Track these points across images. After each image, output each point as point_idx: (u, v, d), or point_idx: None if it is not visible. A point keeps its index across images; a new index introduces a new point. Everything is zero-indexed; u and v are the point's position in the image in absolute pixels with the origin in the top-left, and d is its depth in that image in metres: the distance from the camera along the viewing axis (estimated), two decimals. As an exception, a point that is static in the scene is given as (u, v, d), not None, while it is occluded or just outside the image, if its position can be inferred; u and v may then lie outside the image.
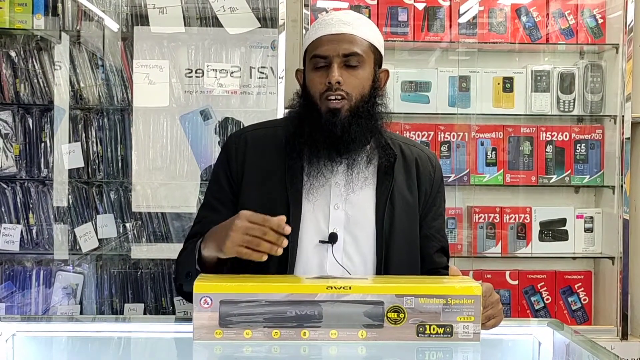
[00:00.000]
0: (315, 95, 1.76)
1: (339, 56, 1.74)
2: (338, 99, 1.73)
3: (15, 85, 3.10)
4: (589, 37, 3.31)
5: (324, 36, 1.76)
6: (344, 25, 1.77)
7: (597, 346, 1.56)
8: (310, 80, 1.78)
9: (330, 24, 1.77)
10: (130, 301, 3.13)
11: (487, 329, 1.60)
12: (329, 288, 1.52)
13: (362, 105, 1.75)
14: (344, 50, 1.74)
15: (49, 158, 3.11)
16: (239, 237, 1.55)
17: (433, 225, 1.91)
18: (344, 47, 1.74)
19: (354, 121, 1.73)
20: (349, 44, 1.74)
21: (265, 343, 1.51)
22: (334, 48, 1.74)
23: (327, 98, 1.73)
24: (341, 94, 1.73)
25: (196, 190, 3.06)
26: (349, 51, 1.74)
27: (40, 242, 3.12)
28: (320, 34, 1.77)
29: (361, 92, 1.76)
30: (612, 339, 3.14)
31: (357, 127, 1.74)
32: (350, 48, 1.74)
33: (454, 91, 3.29)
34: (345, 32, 1.76)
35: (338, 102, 1.73)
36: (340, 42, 1.74)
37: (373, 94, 1.78)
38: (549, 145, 3.32)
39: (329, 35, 1.76)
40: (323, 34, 1.77)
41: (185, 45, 3.10)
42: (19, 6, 3.08)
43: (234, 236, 1.56)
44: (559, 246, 3.32)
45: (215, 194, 1.87)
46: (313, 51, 1.77)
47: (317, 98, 1.75)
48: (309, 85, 1.79)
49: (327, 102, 1.74)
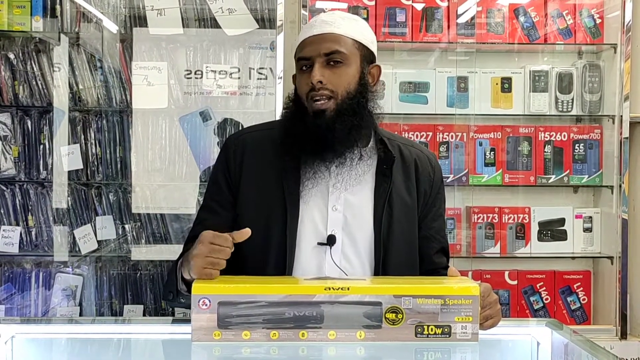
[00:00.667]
0: (303, 96, 1.78)
1: (320, 56, 1.75)
2: (323, 99, 1.74)
3: (14, 88, 3.10)
4: (587, 37, 3.32)
5: (307, 39, 1.79)
6: (326, 25, 1.78)
7: (596, 346, 1.56)
8: (298, 83, 1.81)
9: (314, 26, 1.80)
10: (130, 303, 3.13)
11: (485, 329, 1.60)
12: (327, 289, 1.52)
13: (348, 102, 1.76)
14: (325, 50, 1.75)
15: (48, 160, 3.11)
16: (201, 262, 1.58)
17: (433, 226, 1.90)
18: (325, 46, 1.75)
19: (339, 119, 1.74)
20: (330, 43, 1.76)
21: (263, 344, 1.51)
22: (315, 48, 1.75)
23: (313, 99, 1.75)
24: (325, 93, 1.74)
25: (195, 191, 3.06)
26: (330, 50, 1.75)
27: (39, 243, 3.12)
28: (305, 36, 1.80)
29: (347, 89, 1.76)
30: (611, 339, 3.14)
31: (341, 125, 1.74)
32: (332, 47, 1.75)
33: (452, 91, 3.29)
34: (327, 31, 1.77)
35: (323, 102, 1.74)
36: (321, 42, 1.76)
37: (360, 90, 1.78)
38: (548, 145, 3.32)
39: (312, 37, 1.78)
40: (306, 36, 1.79)
41: (183, 46, 3.10)
42: (18, 8, 3.09)
43: (197, 262, 1.58)
44: (558, 246, 3.33)
45: (214, 196, 1.87)
46: (298, 54, 1.80)
47: (305, 99, 1.77)
48: (297, 87, 1.81)
49: (312, 103, 1.75)
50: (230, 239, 1.59)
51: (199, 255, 1.58)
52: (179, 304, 1.79)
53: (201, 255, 1.58)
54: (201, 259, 1.58)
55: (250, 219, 1.79)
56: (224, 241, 1.58)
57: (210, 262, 1.57)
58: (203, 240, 1.60)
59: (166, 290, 1.78)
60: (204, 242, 1.59)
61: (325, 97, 1.74)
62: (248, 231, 1.60)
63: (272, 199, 1.79)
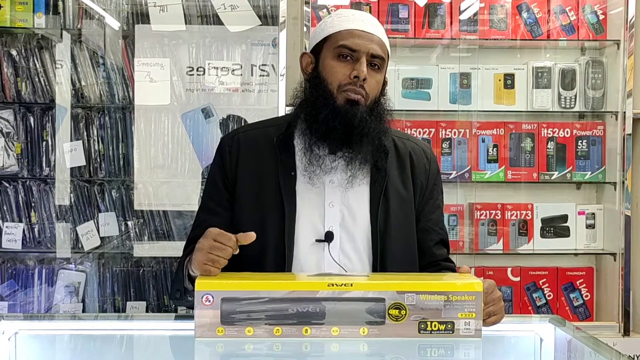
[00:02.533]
0: (333, 84, 1.75)
1: (367, 54, 1.74)
2: (359, 95, 1.74)
3: (16, 84, 3.10)
4: (590, 33, 3.31)
5: (355, 30, 1.76)
6: (372, 26, 1.78)
7: (599, 342, 1.56)
8: (332, 68, 1.76)
9: (361, 20, 1.78)
10: (133, 299, 3.13)
11: (488, 326, 1.60)
12: (331, 285, 1.52)
13: (375, 107, 1.77)
14: (373, 50, 1.75)
15: (50, 157, 3.11)
16: (203, 257, 1.58)
17: (431, 218, 1.89)
18: (374, 47, 1.75)
19: (370, 119, 1.75)
20: (377, 46, 1.76)
21: (267, 340, 1.51)
22: (365, 45, 1.74)
23: (346, 90, 1.73)
24: (362, 92, 1.74)
25: (198, 188, 3.07)
26: (377, 53, 1.76)
27: (42, 240, 3.13)
28: (351, 27, 1.76)
29: (375, 95, 1.78)
30: (614, 335, 3.14)
31: (373, 125, 1.75)
32: (378, 50, 1.76)
33: (455, 88, 3.28)
34: (375, 33, 1.77)
35: (359, 97, 1.74)
36: (371, 41, 1.75)
37: (382, 98, 1.81)
38: (551, 141, 3.31)
39: (361, 30, 1.76)
40: (355, 27, 1.76)
41: (186, 43, 3.10)
42: (20, 5, 3.09)
43: (198, 257, 1.59)
44: (561, 242, 3.32)
45: (213, 196, 1.87)
46: (341, 40, 1.75)
47: (335, 87, 1.74)
48: (328, 72, 1.76)
49: (345, 93, 1.73)
50: (234, 239, 1.58)
51: (201, 249, 1.58)
52: (186, 303, 1.79)
53: (203, 250, 1.58)
54: (202, 253, 1.58)
55: (247, 217, 1.79)
56: (227, 240, 1.58)
57: (211, 259, 1.57)
58: (207, 235, 1.60)
59: (173, 289, 1.78)
60: (208, 238, 1.59)
61: (361, 94, 1.74)
62: (253, 235, 1.59)
63: (268, 198, 1.78)
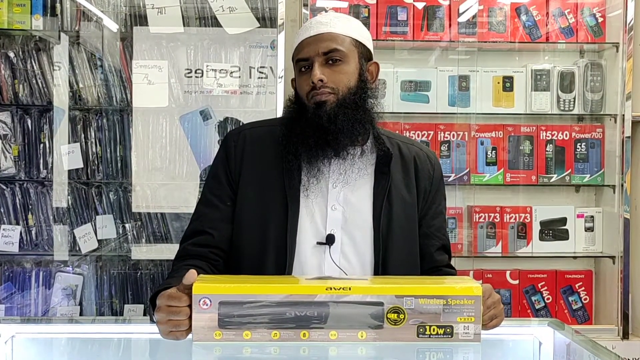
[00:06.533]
0: (304, 97, 1.79)
1: (319, 55, 1.76)
2: (325, 95, 1.75)
3: (14, 86, 3.10)
4: (589, 35, 3.31)
5: (304, 40, 1.80)
6: (321, 25, 1.80)
7: (598, 346, 1.55)
8: (298, 85, 1.81)
9: (309, 28, 1.81)
10: (130, 302, 3.12)
11: (487, 330, 1.60)
12: (329, 289, 1.51)
13: (350, 97, 1.77)
14: (323, 49, 1.76)
15: (48, 159, 3.10)
16: (164, 328, 1.52)
17: (433, 223, 1.89)
18: (323, 45, 1.76)
19: (340, 111, 1.74)
20: (328, 42, 1.77)
21: (264, 344, 1.50)
22: (314, 48, 1.77)
23: (313, 96, 1.76)
24: (326, 91, 1.75)
25: (196, 190, 3.06)
26: (329, 48, 1.76)
27: (39, 243, 3.12)
28: (301, 39, 1.81)
29: (347, 86, 1.77)
30: (613, 339, 3.13)
31: (344, 117, 1.74)
32: (330, 45, 1.77)
33: (453, 90, 3.28)
34: (323, 31, 1.78)
35: (325, 96, 1.75)
36: (319, 42, 1.77)
37: (360, 86, 1.79)
38: (549, 144, 3.31)
39: (309, 38, 1.79)
40: (303, 38, 1.80)
41: (184, 45, 3.10)
42: (18, 7, 3.08)
43: (161, 329, 1.53)
44: (560, 245, 3.32)
45: (214, 190, 1.86)
46: (297, 56, 1.81)
47: (306, 99, 1.78)
48: (298, 88, 1.82)
49: (312, 99, 1.76)
50: (185, 297, 1.50)
51: (160, 322, 1.53)
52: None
53: (162, 321, 1.52)
54: (163, 325, 1.52)
55: (249, 216, 1.78)
56: (179, 302, 1.51)
57: (173, 325, 1.51)
58: (160, 305, 1.53)
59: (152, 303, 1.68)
60: (162, 308, 1.53)
61: (326, 94, 1.75)
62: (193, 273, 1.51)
63: (272, 197, 1.78)
